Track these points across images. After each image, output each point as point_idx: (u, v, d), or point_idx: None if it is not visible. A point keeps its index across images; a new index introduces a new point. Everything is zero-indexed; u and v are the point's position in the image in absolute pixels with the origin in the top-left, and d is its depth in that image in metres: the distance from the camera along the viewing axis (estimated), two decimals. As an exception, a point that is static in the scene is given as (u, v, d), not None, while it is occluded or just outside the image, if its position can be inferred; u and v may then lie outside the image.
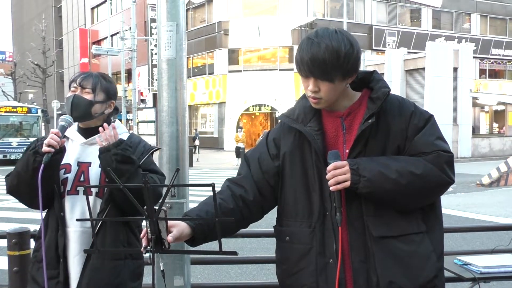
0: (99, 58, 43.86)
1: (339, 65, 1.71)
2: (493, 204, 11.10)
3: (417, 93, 23.68)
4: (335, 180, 1.72)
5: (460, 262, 3.02)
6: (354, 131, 1.81)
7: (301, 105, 1.90)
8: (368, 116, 1.77)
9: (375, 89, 1.84)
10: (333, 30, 1.76)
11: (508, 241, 3.42)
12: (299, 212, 1.86)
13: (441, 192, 1.83)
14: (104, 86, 2.29)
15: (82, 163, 2.24)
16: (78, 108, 2.21)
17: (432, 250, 1.79)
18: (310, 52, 1.72)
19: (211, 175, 17.87)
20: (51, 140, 2.07)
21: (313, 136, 1.81)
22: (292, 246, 1.86)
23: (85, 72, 2.33)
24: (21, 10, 67.00)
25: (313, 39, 1.73)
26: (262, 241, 6.93)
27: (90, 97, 2.24)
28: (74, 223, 2.17)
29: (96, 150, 2.21)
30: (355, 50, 1.74)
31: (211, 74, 33.71)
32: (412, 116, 1.82)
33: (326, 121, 1.86)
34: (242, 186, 1.91)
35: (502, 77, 39.22)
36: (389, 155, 1.80)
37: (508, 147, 26.54)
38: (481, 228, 5.30)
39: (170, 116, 2.71)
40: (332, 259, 1.77)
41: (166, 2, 2.69)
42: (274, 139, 1.95)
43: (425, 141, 1.79)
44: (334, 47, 1.70)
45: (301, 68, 1.77)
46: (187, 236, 1.73)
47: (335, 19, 31.74)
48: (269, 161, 1.93)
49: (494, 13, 38.36)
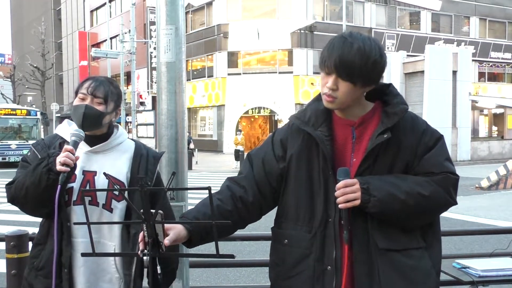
0: (98, 61, 43.87)
1: (365, 69, 1.71)
2: (492, 207, 11.10)
3: (417, 96, 23.70)
4: (345, 198, 1.71)
5: (459, 265, 3.02)
6: (363, 142, 1.81)
7: (313, 108, 1.88)
8: (382, 130, 1.76)
9: (392, 104, 1.82)
10: (367, 36, 1.76)
11: (507, 245, 3.42)
12: (300, 216, 1.85)
13: (442, 211, 1.86)
14: (114, 95, 2.21)
15: (87, 172, 2.16)
16: (89, 119, 2.12)
17: (431, 265, 1.81)
18: (341, 49, 1.71)
19: (211, 178, 17.87)
20: (67, 159, 1.98)
21: (323, 142, 1.79)
22: (290, 249, 1.85)
23: (95, 78, 2.21)
24: (21, 12, 67.06)
25: (346, 37, 1.73)
26: (261, 244, 6.92)
27: (102, 108, 2.15)
28: (81, 234, 2.11)
29: (102, 159, 2.17)
30: (383, 60, 1.75)
31: (211, 76, 33.73)
32: (424, 134, 1.83)
33: (336, 128, 1.85)
34: (243, 186, 1.89)
35: (501, 80, 39.27)
36: (397, 171, 1.80)
37: (507, 150, 26.56)
38: (480, 231, 5.29)
39: (169, 119, 2.71)
40: (330, 266, 1.76)
41: (165, 5, 2.69)
42: (281, 140, 1.92)
43: (435, 162, 1.81)
44: (366, 51, 1.70)
45: (326, 64, 1.75)
46: (184, 238, 1.72)
47: (335, 22, 31.78)
48: (273, 162, 1.91)
49: (493, 16, 38.44)
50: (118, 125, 2.33)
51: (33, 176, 2.02)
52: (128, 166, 2.22)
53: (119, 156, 2.23)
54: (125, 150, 2.26)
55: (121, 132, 2.28)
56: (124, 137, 2.28)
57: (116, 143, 2.24)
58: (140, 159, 2.24)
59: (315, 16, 32.30)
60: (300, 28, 31.19)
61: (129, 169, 2.21)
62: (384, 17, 34.96)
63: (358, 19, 34.11)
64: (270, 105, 31.38)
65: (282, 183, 1.90)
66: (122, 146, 2.26)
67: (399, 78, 24.71)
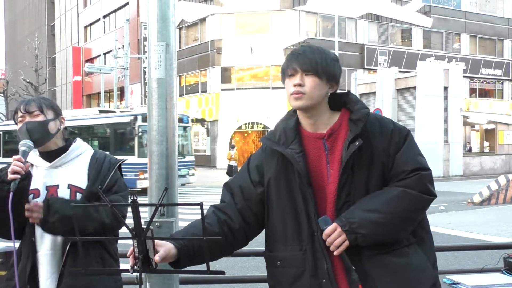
0: (92, 76, 43.90)
1: (326, 64, 1.81)
2: (484, 222, 11.11)
3: (408, 111, 23.85)
4: (334, 246, 1.74)
5: (450, 281, 3.02)
6: (336, 152, 1.84)
7: (282, 127, 1.92)
8: (352, 138, 1.79)
9: (354, 111, 1.86)
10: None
11: (498, 260, 3.42)
12: (289, 236, 1.86)
13: (426, 209, 1.88)
14: (48, 104, 2.28)
15: (50, 186, 2.22)
16: (35, 131, 2.18)
17: (426, 259, 1.82)
18: (301, 50, 1.84)
19: (204, 193, 17.79)
20: (15, 167, 2.04)
21: (295, 159, 1.81)
22: (284, 270, 1.86)
23: (23, 100, 2.28)
24: (15, 28, 67.12)
25: (302, 45, 1.91)
26: (252, 260, 6.88)
27: (41, 118, 2.22)
28: (44, 247, 2.15)
29: (62, 172, 2.22)
30: (339, 61, 1.88)
31: (204, 92, 33.81)
32: (393, 133, 1.86)
33: (307, 143, 1.87)
34: (226, 213, 1.91)
35: (492, 96, 39.62)
36: (376, 174, 1.82)
37: (499, 165, 26.69)
38: (472, 247, 5.31)
39: (160, 135, 2.71)
40: (325, 279, 1.77)
41: (156, 22, 2.71)
42: (256, 166, 1.95)
43: (406, 159, 1.83)
44: (324, 50, 1.85)
45: (288, 67, 1.83)
46: (173, 257, 1.73)
47: (327, 38, 32.03)
48: (251, 188, 1.93)
49: (483, 33, 38.90)
50: (77, 138, 2.38)
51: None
52: (86, 172, 2.26)
53: (79, 166, 2.28)
54: (84, 160, 2.30)
55: (79, 144, 2.33)
56: (83, 148, 2.33)
57: (74, 155, 2.29)
58: (96, 163, 2.28)
59: (308, 32, 32.56)
60: (293, 44, 31.38)
61: (87, 175, 2.25)
62: (376, 34, 35.29)
63: (351, 35, 34.40)
64: (263, 120, 31.44)
65: (262, 207, 1.92)
66: (82, 157, 2.31)
67: (391, 94, 24.87)
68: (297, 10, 31.87)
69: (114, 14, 42.88)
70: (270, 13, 32.02)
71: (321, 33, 33.47)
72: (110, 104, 38.55)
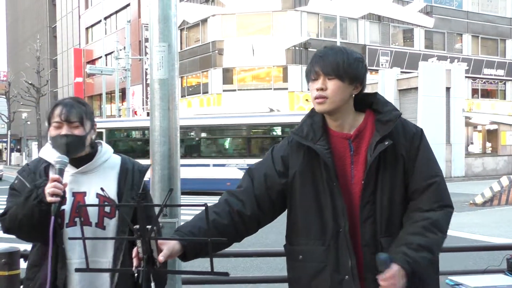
0: (93, 78, 43.93)
1: (348, 65, 1.80)
2: (486, 223, 11.10)
3: (410, 112, 23.83)
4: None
5: (452, 282, 3.02)
6: (361, 154, 1.85)
7: (308, 124, 1.92)
8: (380, 138, 1.80)
9: (384, 112, 1.87)
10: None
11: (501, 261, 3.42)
12: (312, 230, 1.87)
13: None
14: (87, 113, 2.18)
15: (77, 193, 2.15)
16: (73, 146, 2.10)
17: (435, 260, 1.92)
18: (323, 52, 1.83)
19: (204, 194, 17.77)
20: (55, 189, 1.96)
21: (324, 154, 1.82)
22: (305, 265, 1.87)
23: (63, 103, 2.16)
24: (16, 30, 67.24)
25: (325, 47, 1.87)
26: (255, 260, 6.89)
27: (80, 132, 2.12)
28: (75, 255, 2.10)
29: (89, 179, 2.16)
30: (364, 61, 1.87)
31: (206, 93, 33.79)
32: (414, 138, 1.88)
33: (334, 141, 1.88)
34: (241, 199, 1.90)
35: (494, 96, 39.54)
36: (399, 176, 1.84)
37: (501, 166, 26.65)
38: (474, 248, 5.29)
39: (162, 136, 2.72)
40: (347, 276, 1.79)
41: (158, 23, 2.72)
42: (282, 157, 1.94)
43: (425, 170, 1.86)
44: (347, 51, 1.83)
45: (311, 70, 1.83)
46: (178, 252, 1.73)
47: (329, 39, 32.00)
48: (275, 177, 1.92)
49: (485, 33, 38.83)
50: (101, 142, 2.31)
51: (25, 209, 2.01)
52: (116, 182, 2.21)
53: (107, 173, 2.22)
54: (112, 167, 2.24)
55: (105, 149, 2.26)
56: (109, 153, 2.27)
57: (101, 161, 2.22)
58: (126, 174, 2.23)
59: (310, 33, 32.54)
60: (295, 45, 31.40)
61: (117, 185, 2.21)
62: (378, 34, 35.25)
63: (352, 36, 34.37)
64: (265, 121, 31.41)
65: (281, 198, 1.93)
66: (108, 163, 2.24)
67: (393, 94, 24.86)
68: (299, 10, 31.86)
69: (116, 16, 42.90)
70: (272, 13, 32.00)
71: (322, 33, 33.45)
72: (111, 106, 38.59)
